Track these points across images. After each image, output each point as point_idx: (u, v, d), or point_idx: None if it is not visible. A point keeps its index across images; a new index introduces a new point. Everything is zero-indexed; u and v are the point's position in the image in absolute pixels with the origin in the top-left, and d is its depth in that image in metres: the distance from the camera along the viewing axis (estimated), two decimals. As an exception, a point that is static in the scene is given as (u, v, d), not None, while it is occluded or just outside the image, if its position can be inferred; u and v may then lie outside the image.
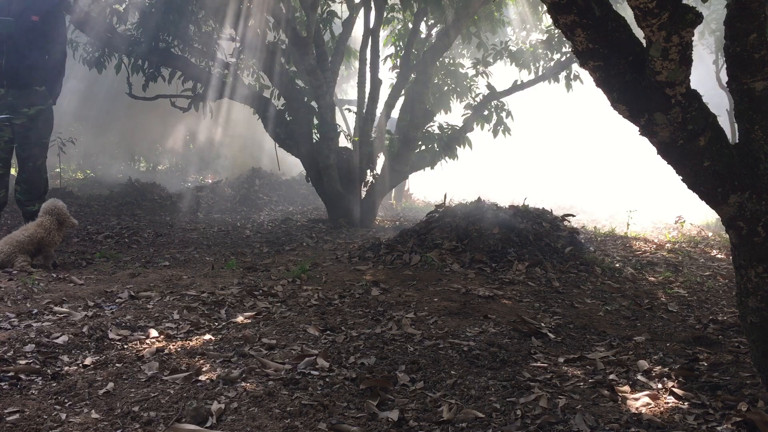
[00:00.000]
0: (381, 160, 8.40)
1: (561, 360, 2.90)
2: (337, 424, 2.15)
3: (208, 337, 3.16)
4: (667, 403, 2.38)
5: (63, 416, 2.18)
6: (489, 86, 8.37)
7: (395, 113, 8.62)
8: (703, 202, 2.33)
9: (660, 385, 2.56)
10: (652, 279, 4.93)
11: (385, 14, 8.19)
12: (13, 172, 6.91)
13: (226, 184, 10.92)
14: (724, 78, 2.57)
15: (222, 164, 13.14)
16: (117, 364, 2.70)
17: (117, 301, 3.88)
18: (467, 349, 2.98)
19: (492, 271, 4.73)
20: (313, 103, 7.93)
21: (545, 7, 2.84)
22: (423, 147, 8.12)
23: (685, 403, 2.36)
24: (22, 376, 2.52)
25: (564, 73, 8.36)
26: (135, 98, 8.21)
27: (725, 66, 2.22)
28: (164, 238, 6.84)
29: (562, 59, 8.18)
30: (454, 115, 9.21)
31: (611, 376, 2.66)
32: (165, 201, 9.81)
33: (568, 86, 8.46)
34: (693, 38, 2.06)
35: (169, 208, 9.27)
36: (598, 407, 2.33)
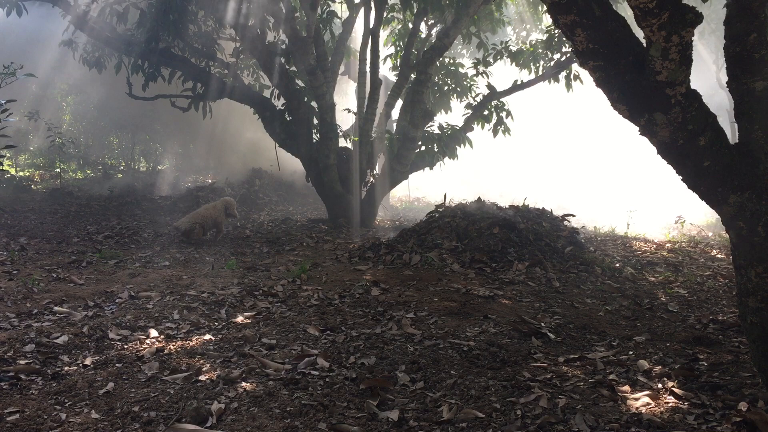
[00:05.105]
0: (381, 160, 8.40)
1: (561, 360, 2.90)
2: (337, 424, 2.15)
3: (208, 337, 3.16)
4: (667, 403, 2.38)
5: (63, 416, 2.18)
6: (489, 86, 8.36)
7: (395, 113, 8.60)
8: (703, 202, 2.33)
9: (660, 385, 2.56)
10: (652, 279, 4.92)
11: (385, 14, 8.19)
12: None
13: (226, 185, 10.91)
14: (724, 78, 2.57)
15: (222, 164, 13.12)
16: (117, 364, 2.70)
17: (117, 301, 3.88)
18: (467, 349, 2.98)
19: (492, 271, 4.73)
20: (313, 103, 7.93)
21: (545, 7, 2.84)
22: (423, 147, 8.12)
23: (685, 403, 2.36)
24: (22, 376, 2.52)
25: (564, 73, 8.35)
26: (135, 98, 8.21)
27: (725, 66, 2.22)
28: (164, 238, 6.84)
29: (562, 59, 8.17)
30: (454, 115, 9.20)
31: (611, 376, 2.66)
32: (165, 201, 9.81)
33: (568, 86, 8.45)
34: (693, 38, 2.07)
35: (169, 208, 9.27)
36: (598, 407, 2.33)
